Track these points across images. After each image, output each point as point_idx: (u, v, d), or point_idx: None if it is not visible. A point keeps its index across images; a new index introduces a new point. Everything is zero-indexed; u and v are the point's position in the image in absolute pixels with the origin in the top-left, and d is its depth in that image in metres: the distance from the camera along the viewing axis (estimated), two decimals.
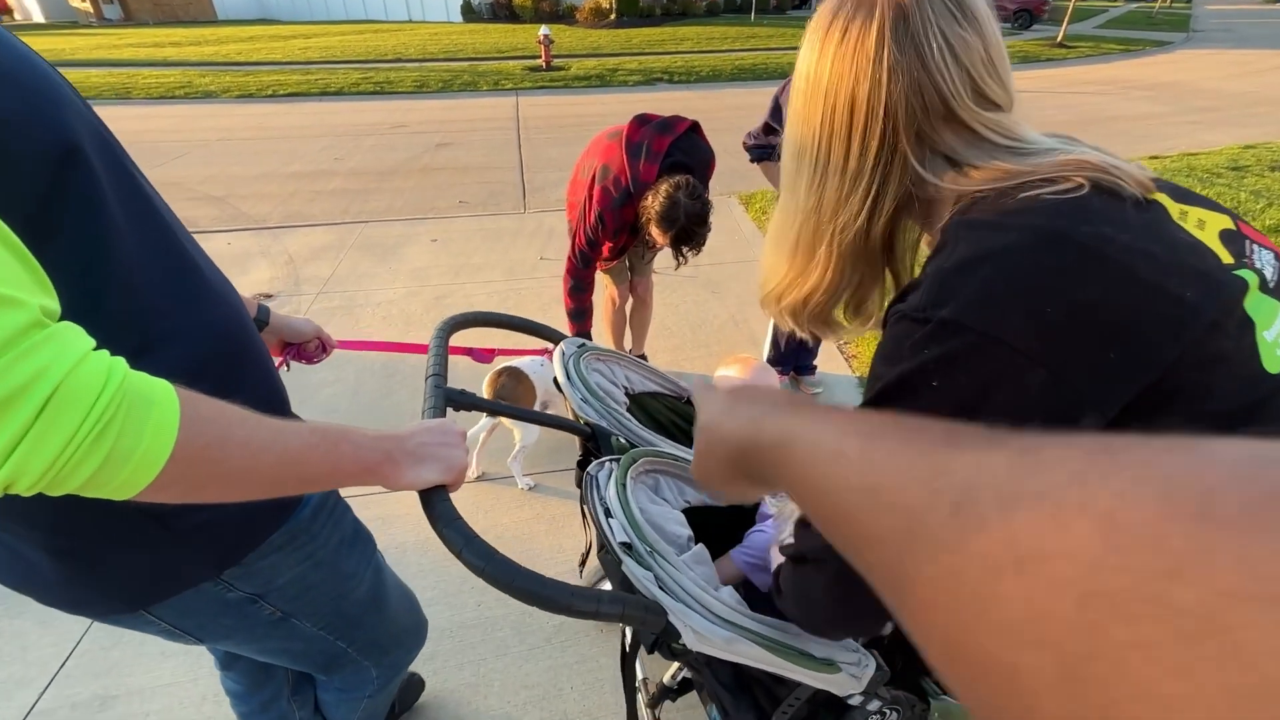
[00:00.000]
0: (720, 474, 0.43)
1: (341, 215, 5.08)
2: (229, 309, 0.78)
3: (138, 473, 0.48)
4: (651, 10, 24.43)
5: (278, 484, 0.59)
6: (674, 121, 2.13)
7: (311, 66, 13.80)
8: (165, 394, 0.50)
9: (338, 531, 0.93)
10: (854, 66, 0.61)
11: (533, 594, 0.63)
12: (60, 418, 0.44)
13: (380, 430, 0.70)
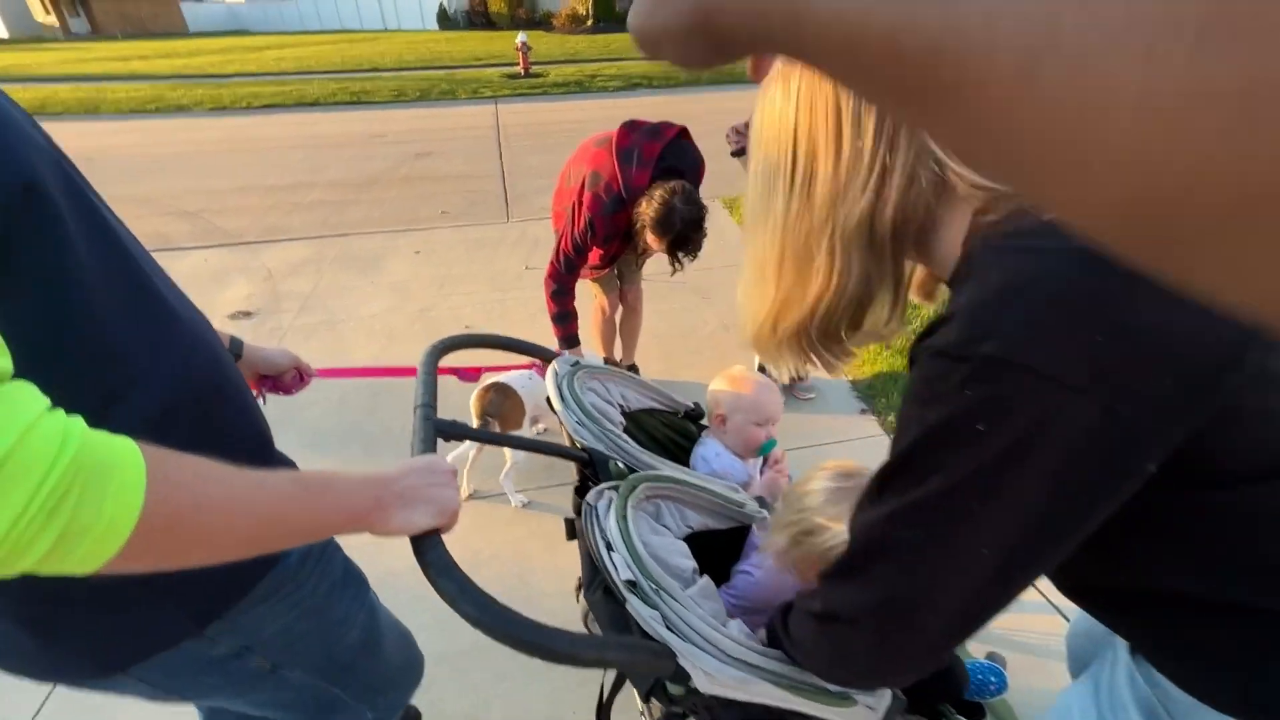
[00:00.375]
0: (675, 32, 0.27)
1: (321, 228, 4.99)
2: (202, 346, 0.73)
3: (98, 546, 0.44)
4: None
5: (258, 543, 0.55)
6: (663, 127, 2.11)
7: (286, 77, 13.64)
8: (128, 457, 0.46)
9: (327, 577, 0.88)
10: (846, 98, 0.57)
11: (532, 644, 0.59)
12: (7, 493, 0.40)
13: (366, 473, 0.65)
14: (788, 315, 0.67)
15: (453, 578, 0.62)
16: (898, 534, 0.55)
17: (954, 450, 0.49)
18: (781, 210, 0.63)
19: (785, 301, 0.67)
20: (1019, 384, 0.46)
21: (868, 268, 0.62)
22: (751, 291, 0.70)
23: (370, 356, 3.19)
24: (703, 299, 3.72)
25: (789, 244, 0.64)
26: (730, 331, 3.39)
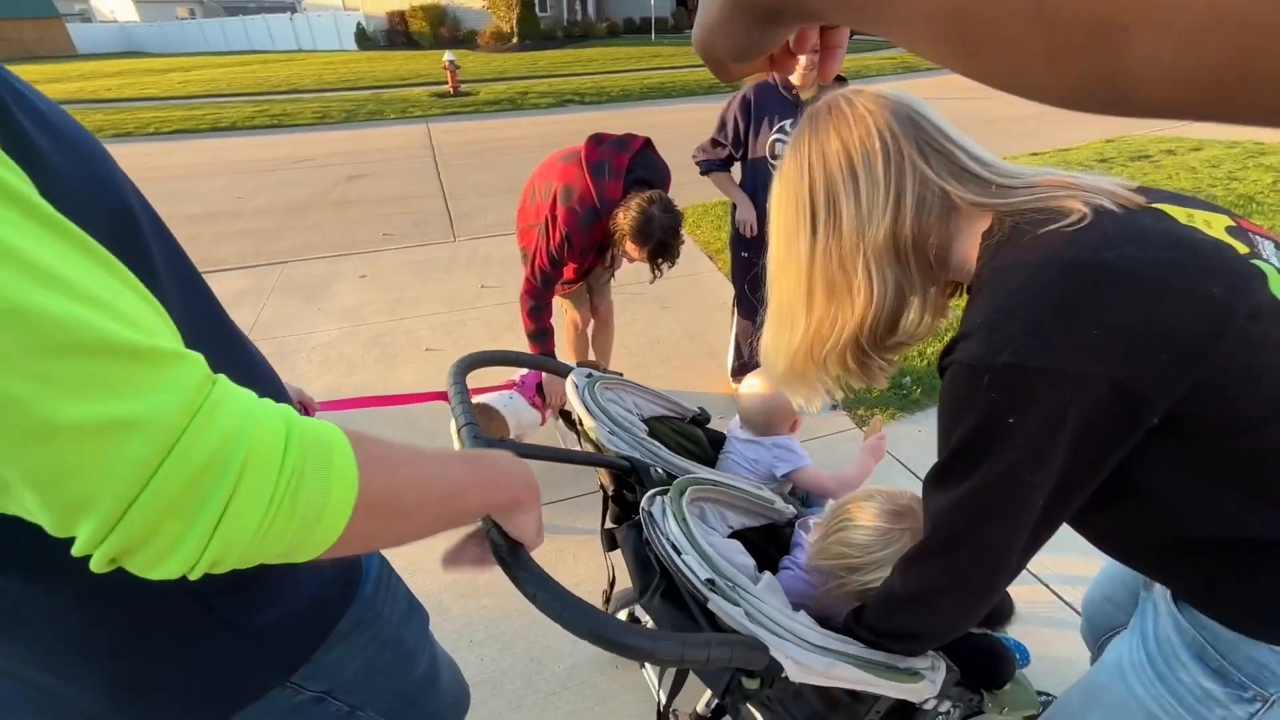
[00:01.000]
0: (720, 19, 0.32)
1: (255, 257, 4.74)
2: (276, 381, 0.72)
3: (328, 527, 0.42)
4: (553, 33, 24.63)
5: (441, 520, 0.54)
6: (629, 139, 2.14)
7: (196, 101, 12.92)
8: (337, 437, 0.44)
9: (397, 606, 0.84)
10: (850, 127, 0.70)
11: (649, 651, 0.59)
12: (256, 483, 0.38)
13: (497, 453, 0.66)
14: (826, 338, 0.77)
15: (556, 594, 0.61)
16: (969, 516, 0.66)
17: (995, 442, 0.60)
18: (806, 251, 0.74)
19: (819, 328, 0.77)
20: (1035, 381, 0.56)
21: (899, 277, 0.73)
22: (780, 334, 0.80)
23: (329, 385, 3.05)
24: (664, 308, 3.77)
25: (819, 277, 0.75)
26: (696, 339, 3.45)
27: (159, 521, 0.35)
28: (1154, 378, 0.54)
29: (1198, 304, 0.54)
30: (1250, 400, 0.57)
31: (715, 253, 4.50)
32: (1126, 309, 0.54)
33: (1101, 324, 0.54)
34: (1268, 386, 0.56)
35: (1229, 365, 0.55)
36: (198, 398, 0.37)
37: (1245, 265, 0.58)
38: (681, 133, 8.44)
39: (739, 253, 2.62)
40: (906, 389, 2.89)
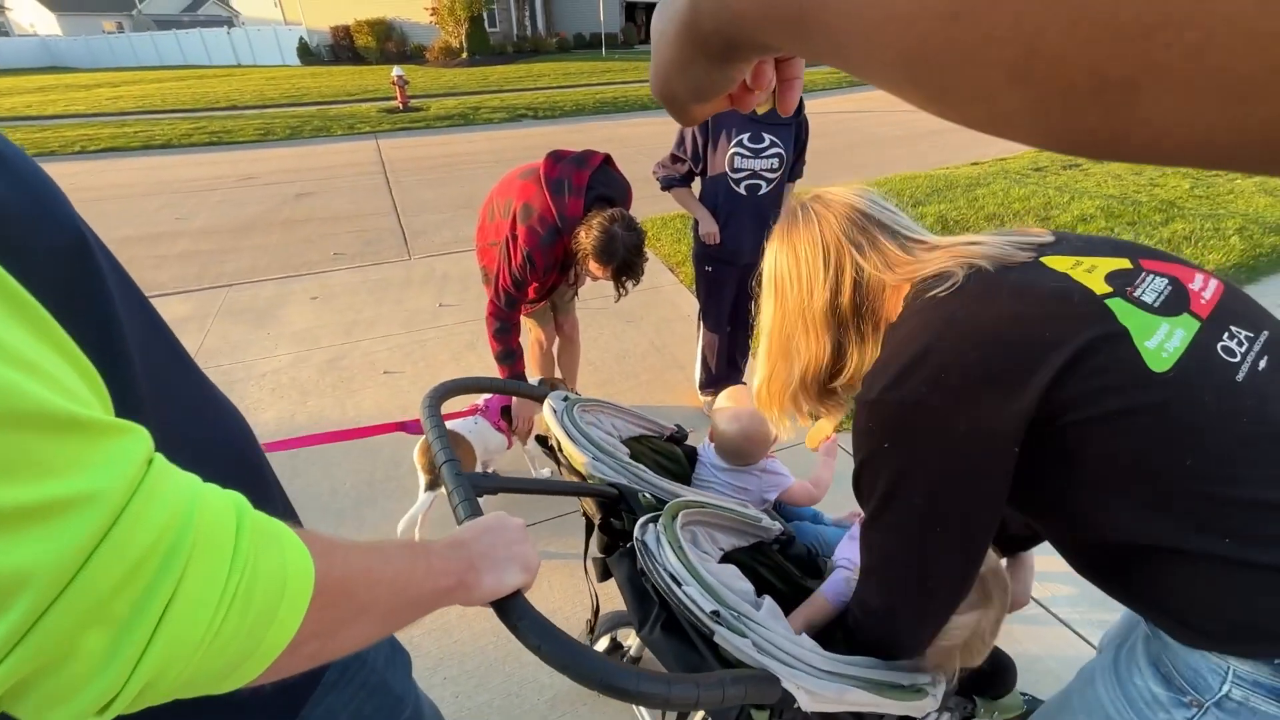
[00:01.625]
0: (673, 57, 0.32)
1: (197, 280, 4.51)
2: (236, 416, 0.65)
3: (281, 629, 0.36)
4: (503, 48, 24.56)
5: (391, 617, 0.48)
6: (589, 156, 2.12)
7: (127, 118, 12.33)
8: (281, 524, 0.39)
9: (381, 650, 0.79)
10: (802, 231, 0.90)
11: (664, 697, 0.55)
12: (208, 569, 0.32)
13: (444, 539, 0.60)
14: (786, 381, 0.96)
15: (561, 641, 0.57)
16: (881, 538, 0.78)
17: (880, 465, 0.73)
18: (769, 316, 0.95)
19: (776, 373, 0.97)
20: (892, 410, 0.71)
21: (837, 337, 0.90)
22: (759, 374, 1.01)
23: (282, 414, 2.91)
24: (628, 323, 3.75)
25: (775, 336, 0.95)
26: (661, 352, 3.44)
27: (77, 632, 0.28)
28: (987, 407, 0.67)
29: (1026, 348, 0.66)
30: (1105, 419, 0.65)
31: (676, 265, 4.52)
32: (965, 355, 0.68)
33: (943, 366, 0.68)
34: (1117, 406, 0.65)
35: (1071, 390, 0.65)
36: (138, 475, 0.32)
37: (1087, 305, 0.68)
38: (637, 147, 8.52)
39: (702, 267, 2.63)
40: None
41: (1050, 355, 0.64)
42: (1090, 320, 0.66)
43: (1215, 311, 0.70)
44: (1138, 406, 0.64)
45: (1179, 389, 0.64)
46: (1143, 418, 0.64)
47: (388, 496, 2.39)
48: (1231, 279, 4.14)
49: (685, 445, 1.49)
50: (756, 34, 0.27)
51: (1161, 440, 0.64)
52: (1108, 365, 0.65)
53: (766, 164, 2.36)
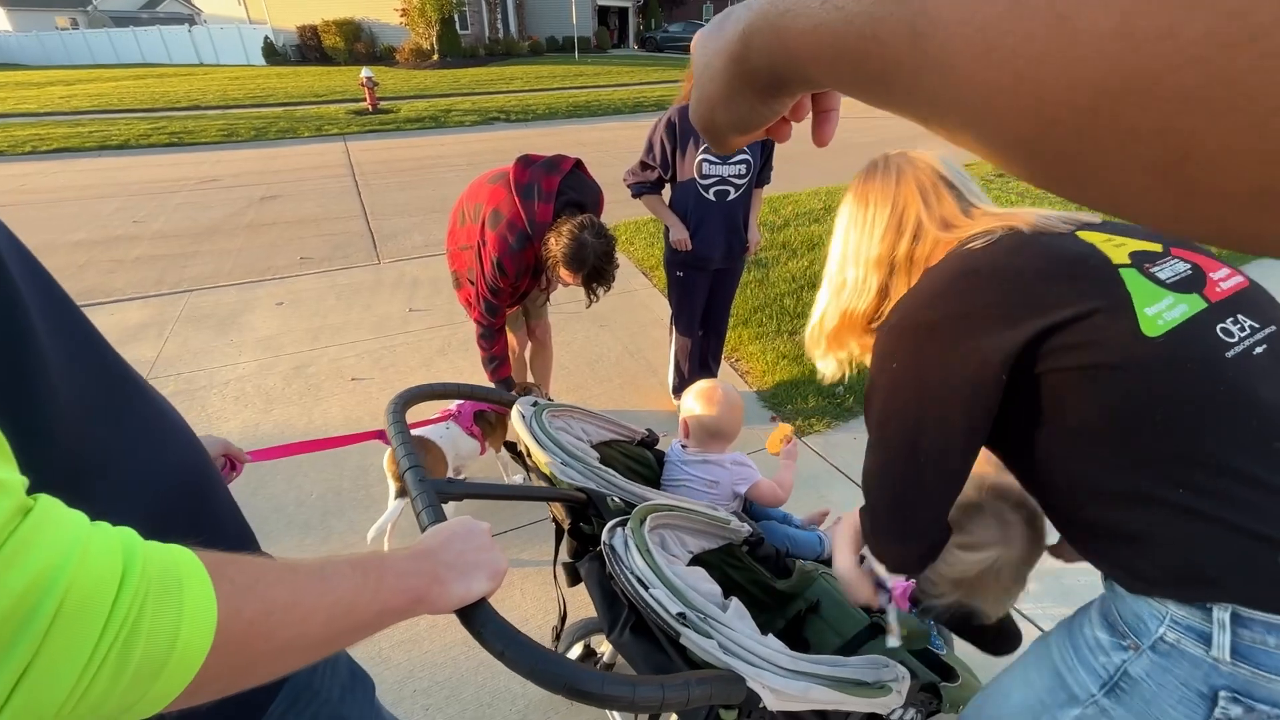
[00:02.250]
0: (720, 91, 0.33)
1: (156, 286, 4.38)
2: (183, 433, 0.63)
3: (172, 679, 0.35)
4: (475, 50, 24.36)
5: (328, 643, 0.46)
6: (559, 160, 2.11)
7: (81, 117, 11.91)
8: (190, 564, 0.38)
9: (337, 679, 0.76)
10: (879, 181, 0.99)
11: (629, 701, 0.56)
12: (74, 633, 0.31)
13: (409, 549, 0.59)
14: (827, 321, 1.06)
15: (524, 646, 0.57)
16: (877, 454, 0.87)
17: (887, 385, 0.84)
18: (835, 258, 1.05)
19: (825, 314, 1.06)
20: (903, 332, 0.82)
21: (884, 281, 0.99)
22: (815, 312, 1.09)
23: (246, 423, 2.83)
24: (601, 327, 3.75)
25: (834, 281, 1.05)
26: (635, 356, 3.44)
27: None
28: (988, 339, 0.75)
29: (1034, 296, 0.74)
30: (1085, 370, 0.73)
31: (649, 269, 4.53)
32: (977, 291, 0.78)
33: (960, 297, 0.79)
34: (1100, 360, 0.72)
35: (1057, 342, 0.72)
36: (5, 531, 0.31)
37: (1103, 274, 0.75)
38: (608, 151, 8.53)
39: (674, 272, 2.64)
40: (840, 397, 2.99)
41: (1054, 307, 0.73)
42: (1101, 284, 0.74)
43: (1228, 300, 0.75)
44: (1119, 364, 0.71)
45: (1164, 353, 0.71)
46: (1121, 374, 0.71)
47: (355, 506, 2.35)
48: None
49: (656, 450, 1.49)
50: (811, 73, 0.27)
51: (1135, 396, 0.70)
52: (1104, 325, 0.71)
53: (734, 170, 2.38)
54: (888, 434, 0.84)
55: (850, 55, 0.23)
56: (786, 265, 4.43)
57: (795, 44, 0.26)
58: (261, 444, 2.80)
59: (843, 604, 1.27)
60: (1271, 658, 0.68)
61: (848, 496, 2.44)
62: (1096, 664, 0.81)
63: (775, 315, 3.77)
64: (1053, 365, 0.72)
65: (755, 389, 3.18)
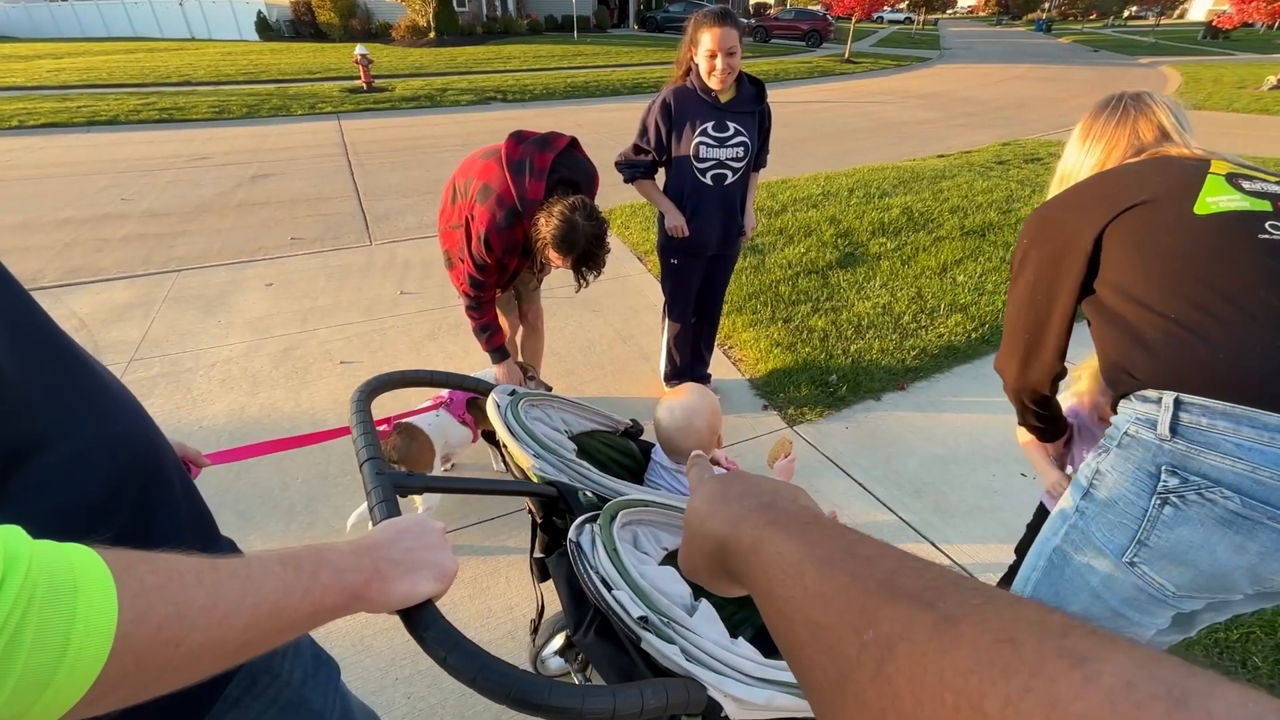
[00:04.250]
0: (703, 567, 0.42)
1: (144, 265, 4.32)
2: (132, 409, 0.61)
3: (62, 693, 0.33)
4: (473, 29, 23.97)
5: (251, 646, 0.44)
6: (553, 138, 2.06)
7: (70, 91, 11.70)
8: (89, 567, 0.35)
9: (299, 662, 0.74)
10: (1113, 113, 1.21)
11: (577, 712, 0.53)
12: None
13: (353, 542, 0.56)
14: None
15: (468, 652, 0.55)
16: (1009, 307, 1.21)
17: (1018, 258, 1.17)
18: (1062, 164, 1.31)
19: None
20: (1038, 216, 1.15)
21: None
22: None
23: (232, 406, 2.80)
24: (594, 313, 3.71)
25: (1057, 179, 1.31)
26: (627, 342, 3.41)
27: None
28: (1090, 216, 1.05)
29: (1130, 187, 1.03)
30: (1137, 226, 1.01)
31: (645, 254, 4.48)
32: (1096, 185, 1.09)
33: (1079, 191, 1.11)
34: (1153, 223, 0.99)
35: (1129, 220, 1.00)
36: None
37: (1191, 177, 0.99)
38: (607, 132, 8.42)
39: (668, 258, 2.59)
40: (833, 387, 2.97)
41: (1135, 195, 1.01)
42: (1182, 184, 0.98)
43: None
44: (1165, 226, 0.97)
45: (1202, 224, 0.94)
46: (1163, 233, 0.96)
47: (341, 492, 2.32)
48: None
49: (641, 440, 1.46)
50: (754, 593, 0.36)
51: (1169, 245, 0.96)
52: (1166, 207, 0.98)
53: (732, 153, 2.33)
54: (1017, 291, 1.15)
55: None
56: (783, 251, 4.37)
57: (738, 565, 0.38)
58: (247, 426, 2.78)
59: None
60: (1203, 435, 0.88)
61: (839, 486, 2.42)
62: (1080, 478, 1.05)
63: (770, 302, 3.73)
64: (1122, 229, 1.00)
65: (748, 377, 3.15)
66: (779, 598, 0.31)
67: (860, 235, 4.70)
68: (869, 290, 3.90)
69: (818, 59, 19.88)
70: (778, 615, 0.31)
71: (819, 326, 3.46)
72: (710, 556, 0.41)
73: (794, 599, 0.30)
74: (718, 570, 0.41)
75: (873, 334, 3.40)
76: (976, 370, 3.21)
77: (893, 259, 4.32)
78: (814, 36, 25.00)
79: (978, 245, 4.57)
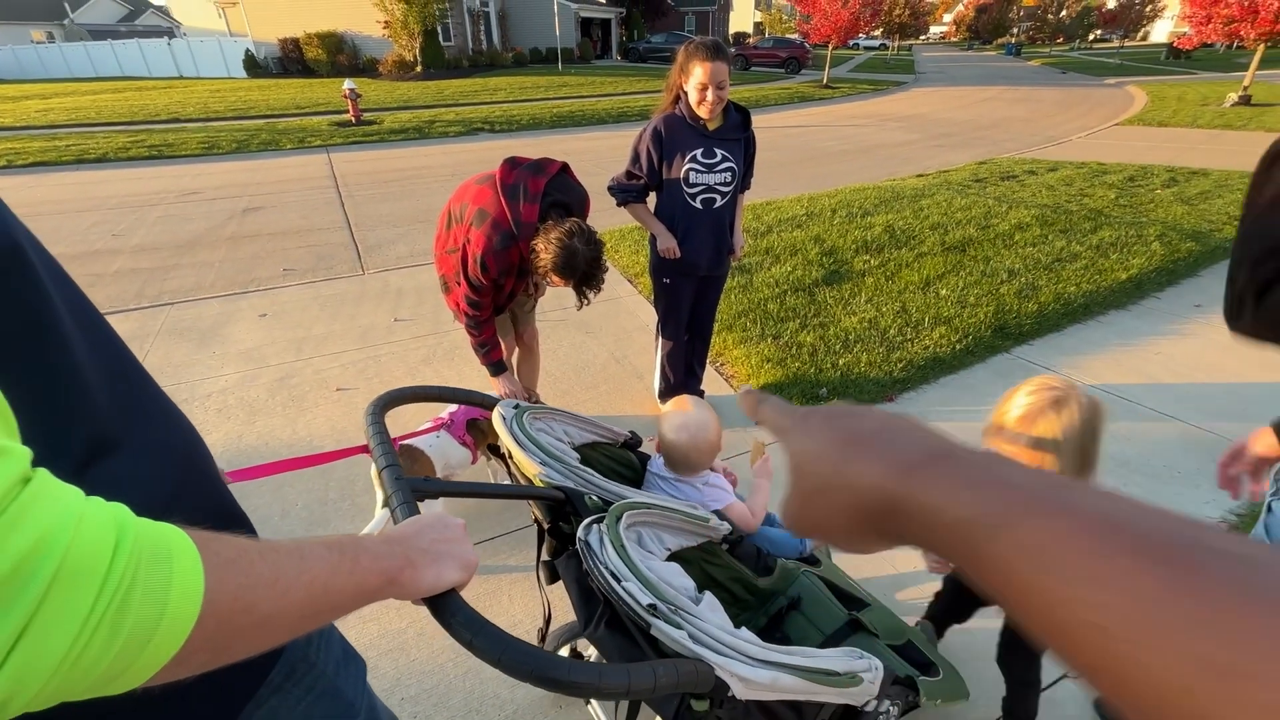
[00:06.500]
0: (839, 524, 0.34)
1: (136, 299, 4.33)
2: (183, 421, 0.66)
3: (160, 648, 0.37)
4: (459, 62, 24.42)
5: (307, 620, 0.48)
6: (545, 163, 2.14)
7: (58, 131, 11.77)
8: (179, 540, 0.40)
9: (332, 653, 0.78)
10: None
11: (596, 688, 0.57)
12: (71, 595, 0.33)
13: (385, 534, 0.61)
14: None
15: (492, 635, 0.58)
16: None
17: None
18: None
19: None
20: None
21: None
22: None
23: (229, 436, 2.81)
24: (588, 334, 3.76)
25: None
26: (621, 363, 3.46)
27: None
28: None
29: None
30: None
31: (635, 276, 4.56)
32: None
33: None
34: None
35: None
36: (7, 499, 0.33)
37: None
38: (594, 159, 8.59)
39: (660, 279, 2.67)
40: (823, 400, 3.03)
41: None
42: None
43: None
44: None
45: None
46: None
47: (341, 517, 2.33)
48: (1151, 282, 4.42)
49: (639, 452, 1.51)
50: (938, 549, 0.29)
51: None
52: None
53: (720, 178, 2.42)
54: None
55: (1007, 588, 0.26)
56: (770, 270, 4.48)
57: (936, 537, 0.29)
58: (245, 455, 2.78)
59: (824, 600, 1.29)
60: None
61: None
62: (1271, 475, 1.15)
63: (759, 320, 3.81)
64: None
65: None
66: (1066, 602, 0.23)
67: (844, 253, 4.82)
68: (855, 306, 3.99)
69: (797, 85, 20.43)
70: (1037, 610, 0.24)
71: (808, 342, 3.54)
72: (854, 511, 0.32)
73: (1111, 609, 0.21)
74: (863, 528, 0.33)
75: (860, 348, 3.48)
76: (962, 381, 3.29)
77: (877, 275, 4.43)
78: (793, 64, 25.73)
79: (959, 260, 4.70)
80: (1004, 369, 3.41)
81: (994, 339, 3.64)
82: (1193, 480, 2.51)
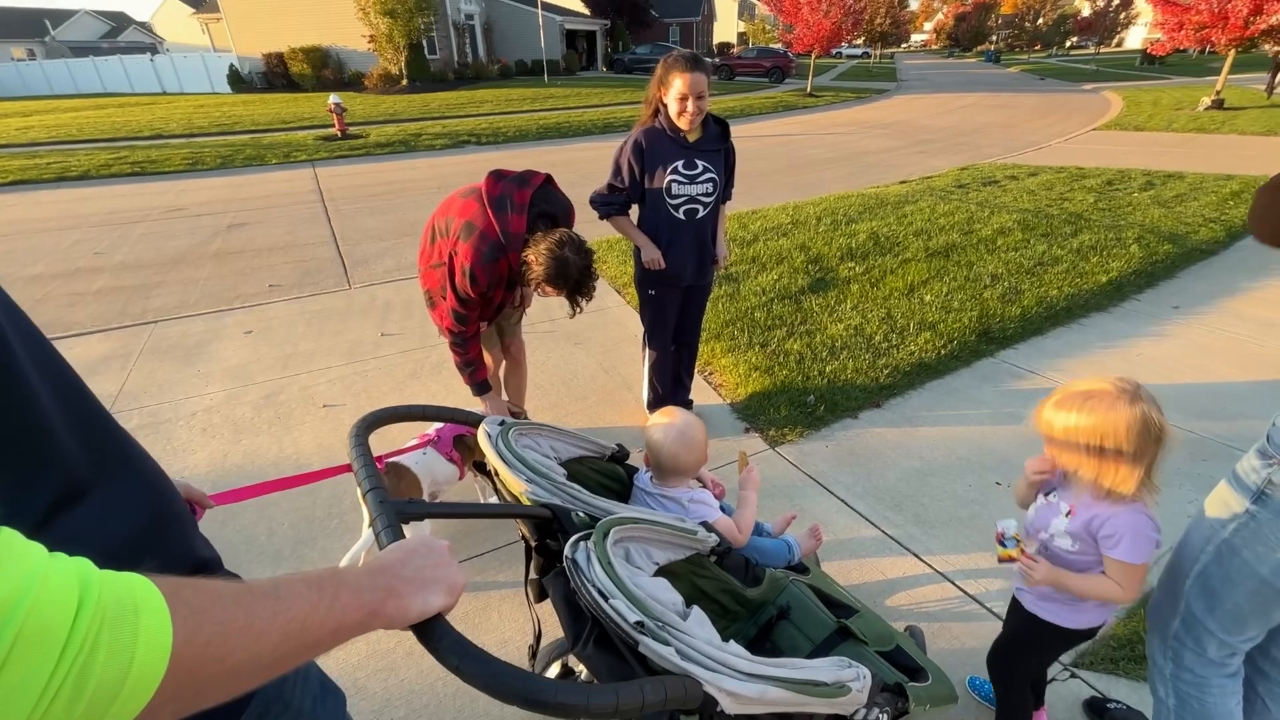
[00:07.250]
0: None
1: (119, 318, 4.29)
2: (151, 465, 0.65)
3: (126, 705, 0.36)
4: (444, 75, 24.46)
5: (284, 661, 0.47)
6: (530, 175, 2.15)
7: (39, 149, 11.66)
8: (145, 591, 0.39)
9: (308, 690, 0.77)
10: None
11: (585, 708, 0.57)
12: (32, 661, 0.32)
13: (368, 564, 0.60)
14: None
15: (479, 659, 0.58)
16: None
17: None
18: None
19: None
20: None
21: None
22: None
23: (214, 455, 2.78)
24: (576, 345, 3.77)
25: None
26: (610, 374, 3.46)
27: None
28: None
29: None
30: None
31: (622, 286, 4.58)
32: None
33: None
34: None
35: None
36: None
37: None
38: (579, 171, 8.62)
39: (646, 290, 2.68)
40: (812, 407, 3.05)
41: None
42: None
43: None
44: None
45: None
46: None
47: (328, 535, 2.31)
48: (1131, 284, 4.49)
49: (627, 465, 1.51)
50: None
51: None
52: None
53: (702, 189, 2.44)
54: None
55: None
56: (756, 279, 4.51)
57: None
58: (231, 474, 2.76)
59: (812, 608, 1.29)
60: None
61: (823, 504, 2.47)
62: (1248, 481, 1.11)
63: (746, 328, 3.83)
64: None
65: (729, 401, 3.22)
66: None
67: (830, 261, 4.86)
68: (841, 313, 4.02)
69: (781, 94, 20.65)
70: None
71: (795, 349, 3.56)
72: None
73: None
74: None
75: (846, 355, 3.50)
76: (948, 385, 3.32)
77: (862, 282, 4.47)
78: (776, 73, 26.02)
79: (942, 265, 4.75)
80: (989, 373, 3.44)
81: (978, 343, 3.68)
82: (1174, 481, 2.54)
